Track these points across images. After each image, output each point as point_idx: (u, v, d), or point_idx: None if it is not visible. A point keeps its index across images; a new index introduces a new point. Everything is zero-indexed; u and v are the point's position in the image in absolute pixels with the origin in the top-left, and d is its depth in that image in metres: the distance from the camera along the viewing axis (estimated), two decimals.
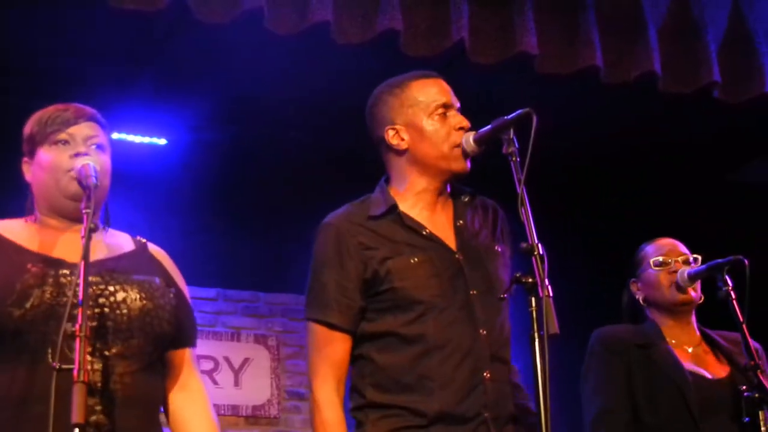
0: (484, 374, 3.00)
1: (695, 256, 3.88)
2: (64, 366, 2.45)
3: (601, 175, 7.18)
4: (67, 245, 2.85)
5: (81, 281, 2.52)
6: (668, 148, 6.82)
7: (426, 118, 3.14)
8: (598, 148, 6.83)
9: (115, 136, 6.34)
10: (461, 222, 3.17)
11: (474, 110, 3.22)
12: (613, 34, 4.94)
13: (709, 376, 3.72)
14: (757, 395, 3.47)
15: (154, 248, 3.05)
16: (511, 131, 2.91)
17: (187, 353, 2.99)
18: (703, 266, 3.78)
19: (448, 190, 3.24)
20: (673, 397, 3.65)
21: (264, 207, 6.86)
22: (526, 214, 2.77)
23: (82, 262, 2.56)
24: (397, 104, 3.20)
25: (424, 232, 3.11)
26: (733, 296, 3.60)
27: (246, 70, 5.90)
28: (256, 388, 6.74)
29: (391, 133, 3.19)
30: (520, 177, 2.82)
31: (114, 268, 2.84)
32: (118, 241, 2.98)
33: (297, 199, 6.85)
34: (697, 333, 3.89)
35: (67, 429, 2.38)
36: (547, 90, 5.25)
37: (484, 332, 3.03)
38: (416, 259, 3.07)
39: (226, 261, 6.84)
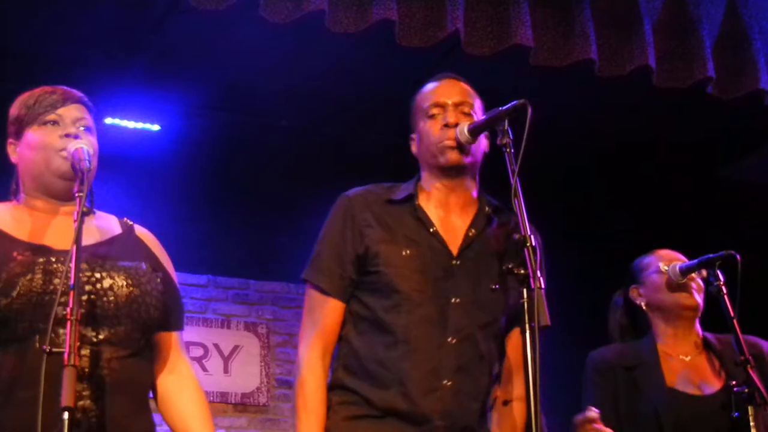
0: (444, 381, 3.00)
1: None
2: (55, 350, 2.44)
3: (593, 168, 7.19)
4: (54, 231, 2.85)
5: (72, 265, 2.51)
6: (661, 143, 6.83)
7: (422, 121, 3.21)
8: (591, 142, 6.84)
9: (109, 121, 6.34)
10: (474, 231, 3.16)
11: None
12: (608, 27, 4.93)
13: (698, 392, 3.67)
14: (746, 390, 3.45)
15: (140, 231, 3.05)
16: (506, 122, 2.91)
17: (175, 336, 3.01)
18: (695, 261, 3.74)
19: (475, 195, 3.22)
20: (650, 420, 3.61)
21: (256, 195, 6.87)
22: (519, 205, 2.78)
23: (74, 246, 2.54)
24: (412, 114, 3.29)
25: (431, 229, 3.13)
26: (725, 291, 3.59)
27: (239, 58, 5.89)
28: (246, 375, 6.74)
29: (411, 143, 3.29)
30: (513, 168, 2.83)
31: (101, 254, 2.84)
32: (106, 224, 2.98)
33: (288, 187, 6.86)
34: (699, 341, 3.82)
35: (55, 413, 2.37)
36: (542, 82, 5.25)
37: (454, 341, 3.03)
38: (408, 252, 3.09)
39: (217, 248, 6.84)
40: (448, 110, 3.15)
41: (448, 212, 3.18)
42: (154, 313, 2.83)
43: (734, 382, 3.51)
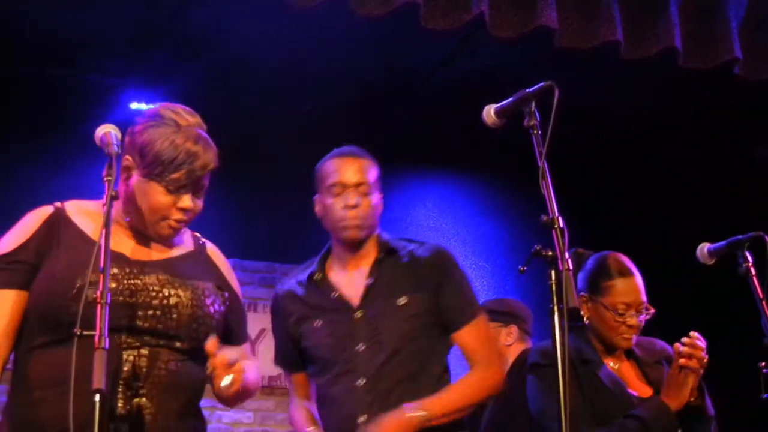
0: (358, 420, 3.30)
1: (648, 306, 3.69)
2: (86, 333, 2.46)
3: (619, 150, 7.17)
4: (135, 243, 2.92)
5: (102, 248, 2.53)
6: (687, 125, 6.80)
7: (325, 195, 3.59)
8: (618, 123, 6.83)
9: (134, 105, 6.39)
10: (371, 280, 3.49)
11: (492, 83, 3.20)
12: (634, 9, 4.90)
13: (636, 395, 3.61)
14: None
15: (211, 248, 3.14)
16: (533, 104, 2.90)
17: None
18: (724, 242, 3.70)
19: (373, 245, 3.55)
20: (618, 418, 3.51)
21: (281, 178, 6.88)
22: (547, 188, 2.77)
23: (104, 231, 2.56)
24: (316, 181, 3.69)
25: (333, 295, 3.50)
26: (753, 273, 3.57)
27: (261, 42, 5.89)
28: (272, 358, 6.74)
29: (315, 205, 3.67)
30: (541, 150, 2.82)
31: (173, 271, 2.90)
32: (181, 239, 3.04)
33: (313, 171, 6.85)
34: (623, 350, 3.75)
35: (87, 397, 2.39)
36: (567, 64, 5.22)
37: (362, 382, 3.35)
38: (319, 323, 3.48)
39: (243, 231, 6.86)
40: (349, 192, 3.49)
41: (349, 269, 3.54)
42: (212, 332, 2.86)
43: (763, 363, 3.49)
